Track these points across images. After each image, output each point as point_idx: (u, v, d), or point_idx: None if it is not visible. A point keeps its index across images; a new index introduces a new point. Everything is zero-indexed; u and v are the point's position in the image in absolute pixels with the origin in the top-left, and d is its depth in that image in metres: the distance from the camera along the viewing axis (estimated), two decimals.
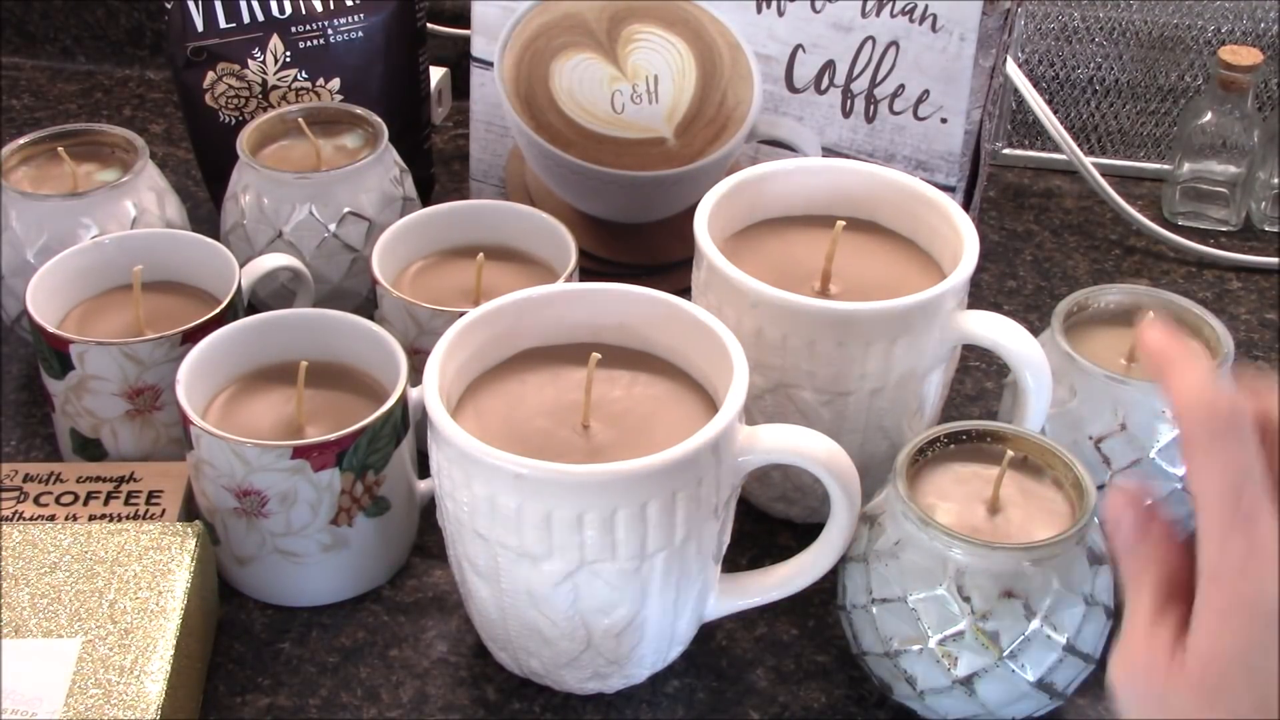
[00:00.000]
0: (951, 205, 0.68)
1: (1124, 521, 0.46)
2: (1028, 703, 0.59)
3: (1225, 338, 0.67)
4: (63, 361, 0.69)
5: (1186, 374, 0.45)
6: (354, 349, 0.69)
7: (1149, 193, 0.98)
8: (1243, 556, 0.43)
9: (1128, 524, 0.46)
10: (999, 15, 0.74)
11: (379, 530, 0.66)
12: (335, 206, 0.79)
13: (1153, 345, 0.47)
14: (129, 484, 0.69)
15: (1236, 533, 0.43)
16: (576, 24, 0.79)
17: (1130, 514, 0.46)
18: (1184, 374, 0.45)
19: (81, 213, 0.76)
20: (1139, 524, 0.46)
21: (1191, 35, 0.95)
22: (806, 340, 0.63)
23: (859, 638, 0.61)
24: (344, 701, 0.63)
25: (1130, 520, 0.46)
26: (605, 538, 0.55)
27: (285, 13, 0.85)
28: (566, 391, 0.61)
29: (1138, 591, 0.46)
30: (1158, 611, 0.45)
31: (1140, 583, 0.46)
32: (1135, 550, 0.46)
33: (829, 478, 0.58)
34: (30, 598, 0.60)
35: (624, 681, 0.63)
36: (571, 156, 0.81)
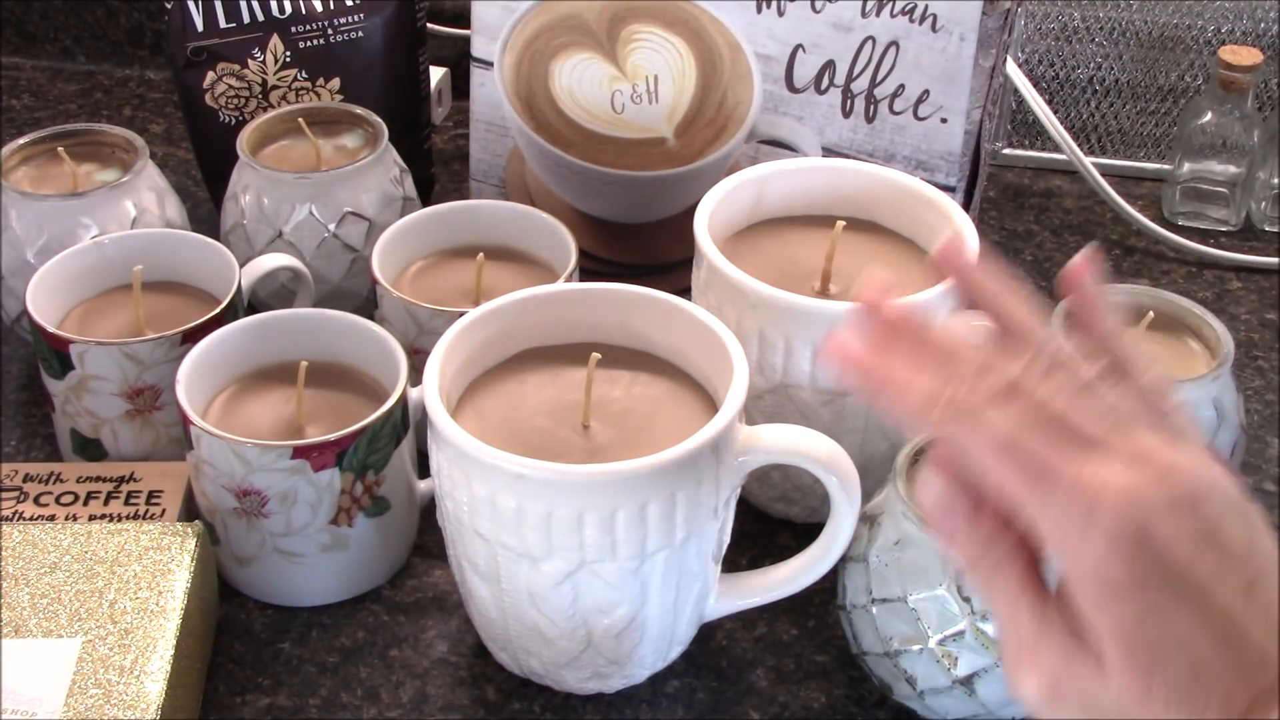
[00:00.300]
0: (951, 205, 0.68)
1: (947, 512, 0.41)
2: None
3: (1225, 338, 0.67)
4: (63, 361, 0.69)
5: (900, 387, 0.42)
6: (354, 349, 0.69)
7: (1149, 193, 0.98)
8: (1077, 515, 0.38)
9: (953, 513, 0.41)
10: (999, 15, 0.74)
11: (379, 530, 0.66)
12: (335, 206, 0.79)
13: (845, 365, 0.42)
14: (129, 484, 0.69)
15: (1047, 495, 0.38)
16: (576, 24, 0.79)
17: (951, 499, 0.41)
18: (899, 388, 0.42)
19: (81, 213, 0.76)
20: (965, 511, 0.41)
21: (1191, 35, 0.95)
22: (806, 340, 0.63)
23: (859, 638, 0.61)
24: (344, 701, 0.63)
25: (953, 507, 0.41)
26: (605, 538, 0.55)
27: (285, 13, 0.85)
28: (566, 391, 0.61)
29: (1003, 589, 0.41)
30: (1037, 605, 0.40)
31: (998, 578, 0.41)
32: (973, 542, 0.41)
33: (829, 478, 0.58)
34: (30, 598, 0.60)
35: (624, 681, 0.63)
36: (571, 156, 0.81)
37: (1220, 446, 0.67)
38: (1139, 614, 0.38)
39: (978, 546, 0.41)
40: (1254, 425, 0.79)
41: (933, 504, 0.42)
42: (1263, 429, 0.79)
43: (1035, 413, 0.40)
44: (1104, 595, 0.38)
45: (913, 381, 0.41)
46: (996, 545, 0.41)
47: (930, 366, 0.42)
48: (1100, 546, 0.38)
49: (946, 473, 0.42)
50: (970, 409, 0.40)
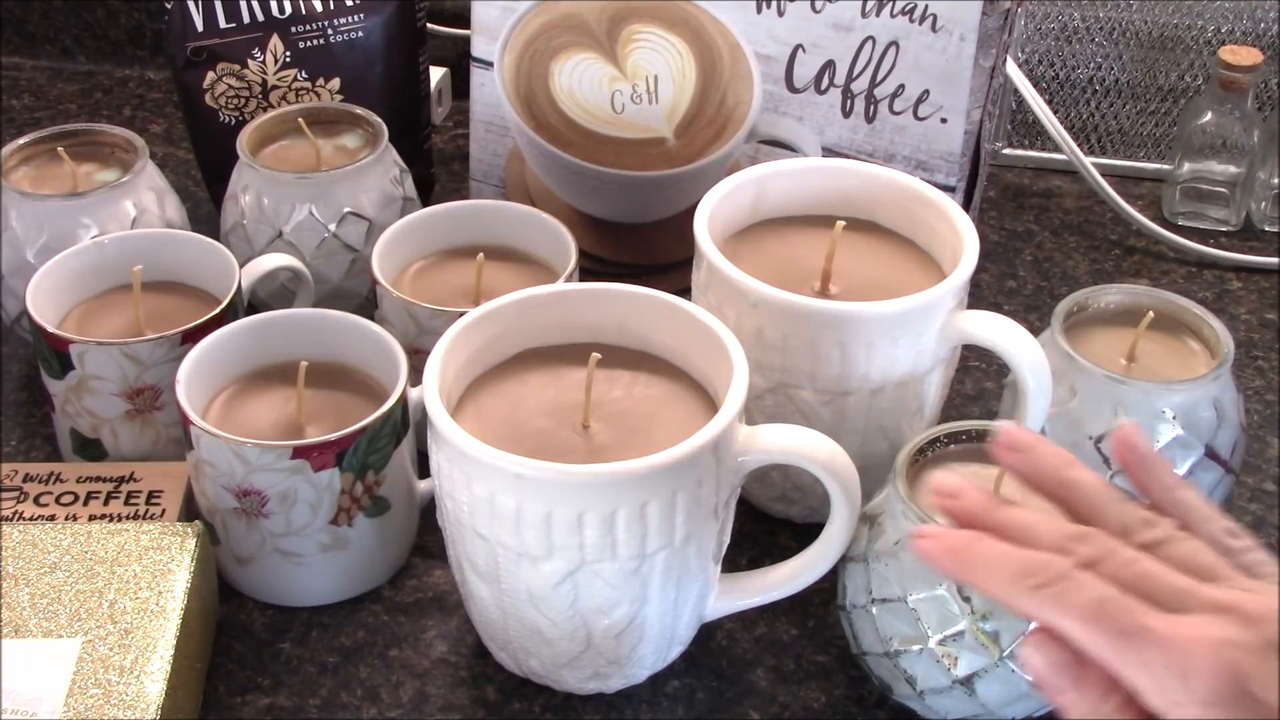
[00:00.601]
0: (951, 205, 0.68)
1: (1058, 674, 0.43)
2: (1028, 703, 0.59)
3: (1225, 338, 0.67)
4: (63, 361, 0.69)
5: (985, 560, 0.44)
6: (354, 349, 0.69)
7: (1149, 193, 0.98)
8: (1174, 665, 0.40)
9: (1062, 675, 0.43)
10: (999, 15, 0.74)
11: (379, 530, 0.66)
12: (335, 206, 0.79)
13: (934, 559, 0.45)
14: (129, 484, 0.69)
15: (1146, 649, 0.41)
16: (576, 24, 0.79)
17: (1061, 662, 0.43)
18: (984, 561, 0.44)
19: (81, 213, 0.76)
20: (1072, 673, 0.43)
21: (1191, 35, 0.95)
22: (806, 340, 0.63)
23: (859, 638, 0.61)
24: (344, 701, 0.63)
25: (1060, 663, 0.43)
26: (605, 538, 0.55)
27: (285, 13, 0.85)
28: (566, 391, 0.61)
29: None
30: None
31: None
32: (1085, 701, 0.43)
33: (829, 478, 0.58)
34: (30, 598, 0.60)
35: (624, 681, 0.63)
36: (571, 156, 0.81)
37: (1220, 446, 0.67)
38: None
39: (1090, 700, 0.43)
40: (1254, 425, 0.79)
41: (1043, 668, 0.44)
42: (1263, 429, 0.79)
43: (1118, 577, 0.43)
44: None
45: (1001, 559, 0.44)
46: (1107, 702, 0.43)
47: (1013, 545, 0.45)
48: (1201, 698, 0.40)
49: (1051, 638, 0.44)
50: (1056, 580, 0.43)
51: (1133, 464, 0.48)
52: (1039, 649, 0.43)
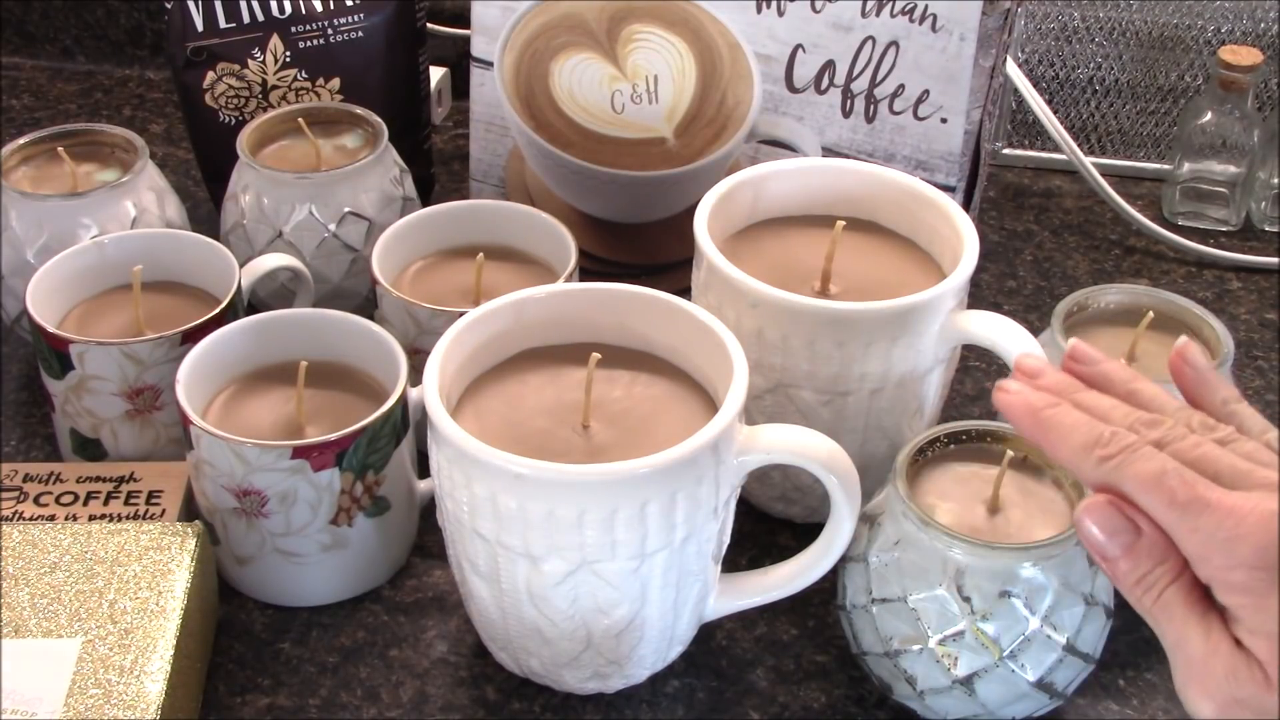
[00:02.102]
0: (951, 205, 0.68)
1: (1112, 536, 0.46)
2: (1028, 703, 0.59)
3: (1225, 338, 0.67)
4: (63, 361, 0.69)
5: (1062, 428, 0.46)
6: (354, 349, 0.69)
7: (1149, 193, 0.98)
8: (1224, 530, 0.43)
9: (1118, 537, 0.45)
10: (999, 15, 0.74)
11: (379, 530, 0.66)
12: (335, 206, 0.79)
13: (1016, 414, 0.48)
14: (129, 484, 0.69)
15: (1199, 516, 0.43)
16: (576, 24, 0.79)
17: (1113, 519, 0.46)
18: (1060, 430, 0.46)
19: (81, 213, 0.76)
20: (1127, 537, 0.45)
21: (1191, 35, 0.95)
22: (806, 340, 0.63)
23: (859, 638, 0.61)
24: (344, 701, 0.63)
25: (1115, 526, 0.45)
26: (605, 537, 0.55)
27: (285, 13, 0.85)
28: (566, 391, 0.61)
29: (1169, 611, 0.45)
30: (1203, 624, 0.44)
31: (1164, 600, 0.45)
32: (1137, 565, 0.45)
33: (829, 478, 0.58)
34: (30, 598, 0.60)
35: (624, 681, 0.63)
36: (571, 156, 0.81)
37: None
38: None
39: (1142, 568, 0.45)
40: None
41: (1098, 529, 0.46)
42: None
43: (1182, 457, 0.45)
44: (1255, 605, 0.43)
45: (1076, 426, 0.46)
46: (1159, 567, 0.45)
47: (1090, 416, 0.47)
48: (1246, 560, 0.42)
49: (1108, 504, 0.46)
50: (1123, 452, 0.45)
51: (1189, 380, 0.50)
52: (1094, 514, 0.46)
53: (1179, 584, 0.45)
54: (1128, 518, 0.45)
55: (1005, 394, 0.49)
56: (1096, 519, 0.46)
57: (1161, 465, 0.44)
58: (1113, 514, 0.45)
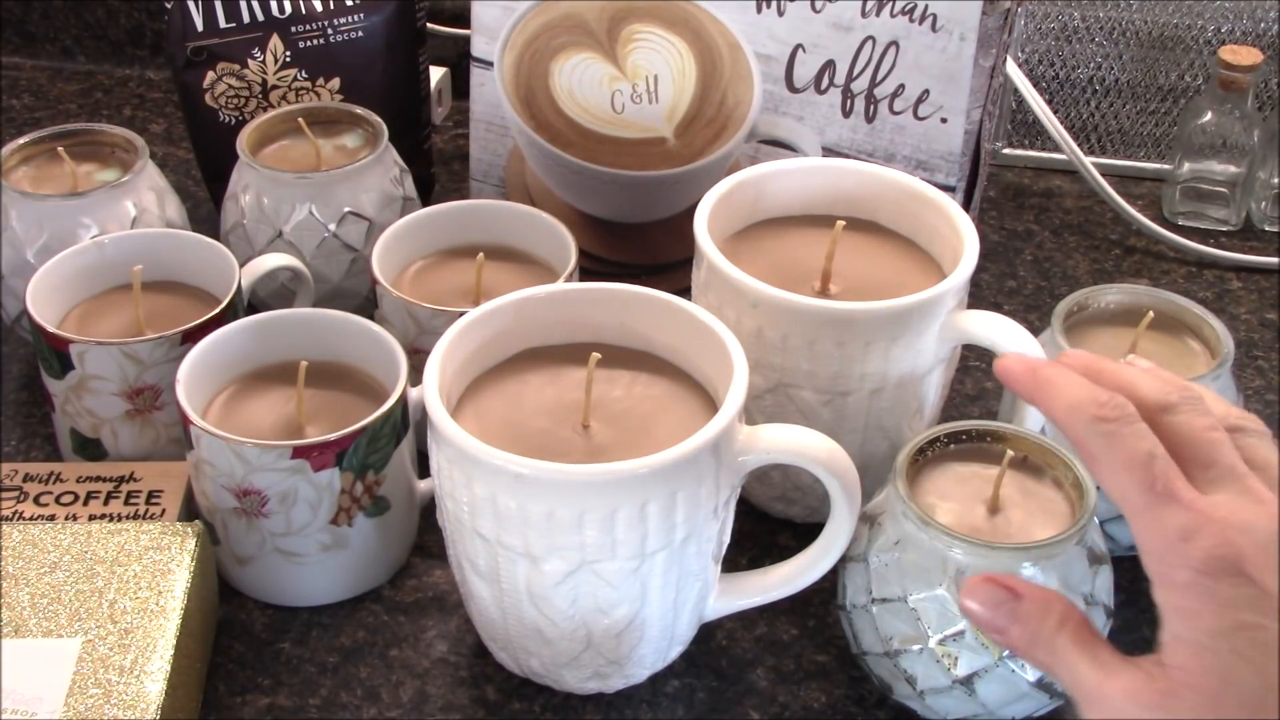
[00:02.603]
0: (951, 205, 0.68)
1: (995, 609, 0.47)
2: (1028, 703, 0.59)
3: (1225, 338, 0.67)
4: (63, 361, 0.69)
5: (1060, 384, 0.46)
6: (354, 349, 0.69)
7: (1149, 193, 0.98)
8: (1182, 528, 0.42)
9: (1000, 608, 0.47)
10: (999, 15, 0.74)
11: (379, 530, 0.66)
12: (335, 206, 0.79)
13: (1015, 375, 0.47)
14: (129, 484, 0.69)
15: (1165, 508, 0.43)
16: (576, 24, 0.79)
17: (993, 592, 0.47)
18: (1057, 385, 0.46)
19: (81, 213, 0.76)
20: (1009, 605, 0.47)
21: (1191, 35, 0.95)
22: (806, 340, 0.63)
23: (859, 638, 0.61)
24: (344, 701, 0.63)
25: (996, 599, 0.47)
26: (605, 537, 0.55)
27: (285, 12, 0.85)
28: (566, 391, 0.61)
29: (1060, 658, 0.46)
30: (1094, 657, 0.45)
31: (1054, 652, 0.46)
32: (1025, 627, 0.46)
33: (829, 478, 0.58)
34: (30, 598, 0.60)
35: (624, 681, 0.63)
36: (571, 156, 0.81)
37: None
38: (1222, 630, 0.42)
39: (1032, 627, 0.47)
40: None
41: (980, 606, 0.47)
42: None
43: (1189, 429, 0.45)
44: (1189, 610, 0.42)
45: (1077, 384, 0.46)
46: (1046, 623, 0.46)
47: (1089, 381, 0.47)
48: (1195, 564, 0.42)
49: (983, 581, 0.48)
50: (1117, 420, 0.44)
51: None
52: (976, 595, 0.47)
53: (1065, 631, 0.46)
54: (1006, 587, 0.47)
55: (1006, 362, 0.49)
56: (979, 598, 0.47)
57: (1151, 449, 0.44)
58: (992, 588, 0.47)
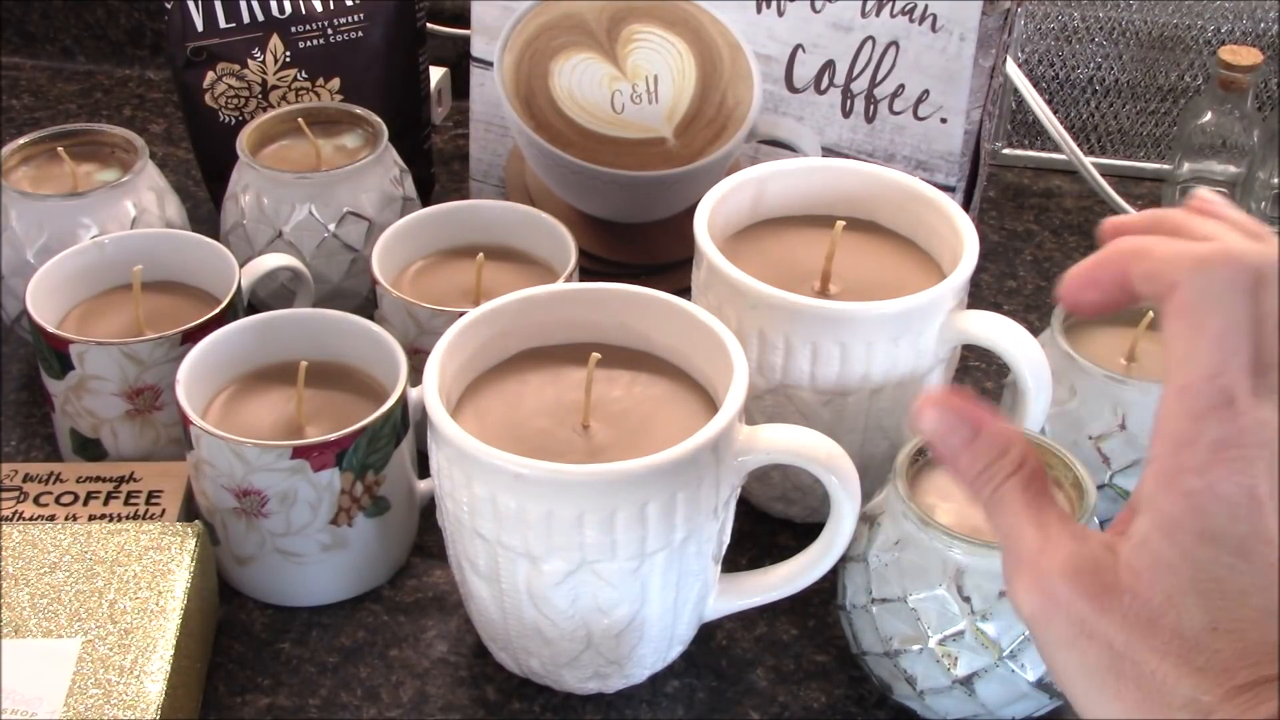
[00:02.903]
0: (951, 205, 0.68)
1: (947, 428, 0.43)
2: (1027, 703, 0.59)
3: None
4: (62, 361, 0.69)
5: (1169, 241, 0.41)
6: (354, 349, 0.69)
7: (1149, 193, 0.98)
8: (1220, 441, 0.38)
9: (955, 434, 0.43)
10: (999, 15, 0.74)
11: (379, 530, 0.66)
12: (335, 206, 0.79)
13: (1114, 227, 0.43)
14: (129, 484, 0.69)
15: (1217, 410, 0.39)
16: (576, 24, 0.79)
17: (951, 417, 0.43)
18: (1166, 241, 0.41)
19: (81, 213, 0.76)
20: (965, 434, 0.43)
21: (1191, 35, 0.95)
22: (807, 340, 0.63)
23: (859, 638, 0.61)
24: (344, 701, 0.63)
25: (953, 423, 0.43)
26: (605, 537, 0.55)
27: (285, 13, 0.85)
28: (566, 391, 0.61)
29: (1005, 506, 0.42)
30: (1039, 518, 0.42)
31: (1000, 495, 0.42)
32: (975, 459, 0.43)
33: (829, 478, 0.58)
34: (30, 598, 0.60)
35: (624, 681, 0.63)
36: (571, 156, 0.81)
37: None
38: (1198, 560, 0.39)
39: (981, 461, 0.43)
40: None
41: (934, 428, 0.43)
42: None
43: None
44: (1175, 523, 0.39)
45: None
46: (998, 461, 0.43)
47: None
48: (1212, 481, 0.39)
49: (946, 400, 0.44)
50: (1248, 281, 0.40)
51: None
52: (934, 410, 0.43)
53: (1016, 478, 0.43)
54: (966, 416, 0.43)
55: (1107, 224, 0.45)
56: (936, 415, 0.43)
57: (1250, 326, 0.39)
58: (949, 414, 0.43)
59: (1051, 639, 0.41)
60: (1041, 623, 0.41)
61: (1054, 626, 0.41)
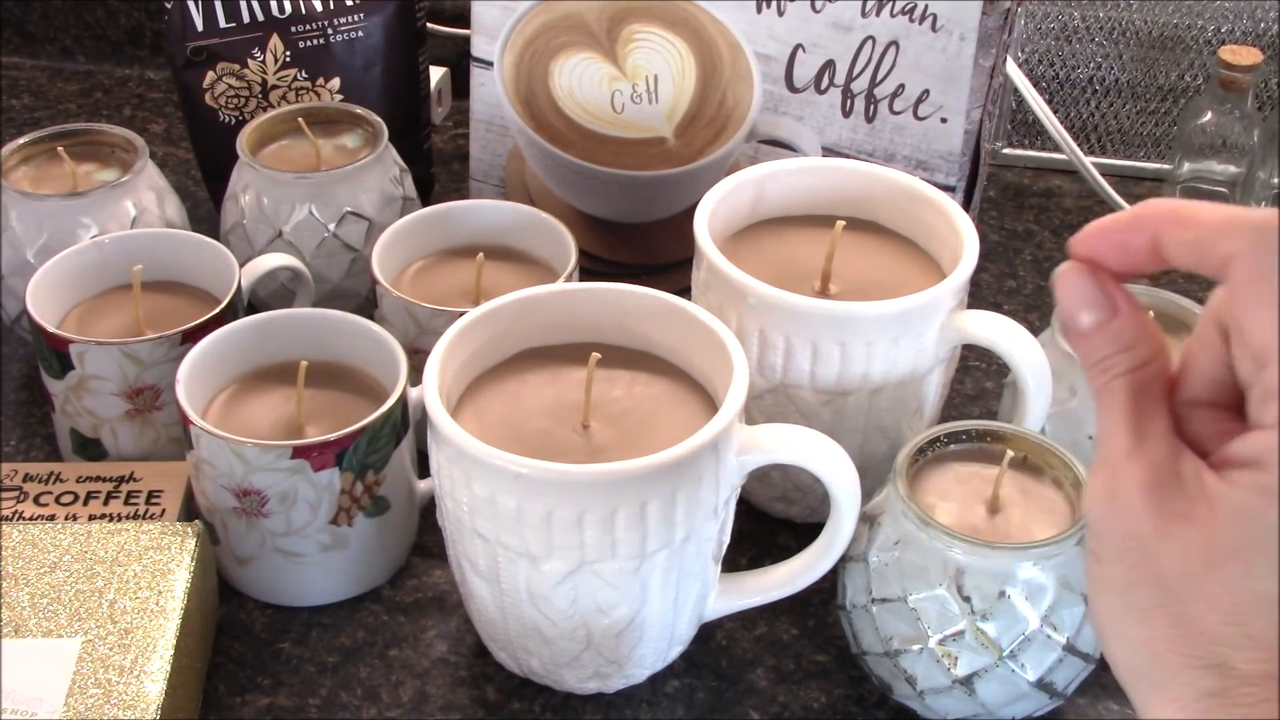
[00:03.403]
0: (951, 205, 0.68)
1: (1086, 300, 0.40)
2: (1027, 702, 0.59)
3: None
4: (62, 361, 0.69)
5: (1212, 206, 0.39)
6: (354, 349, 0.69)
7: (1149, 193, 0.98)
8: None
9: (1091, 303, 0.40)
10: (999, 15, 0.74)
11: (379, 530, 0.66)
12: (335, 206, 0.79)
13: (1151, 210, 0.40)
14: (129, 484, 0.69)
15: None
16: (576, 24, 0.79)
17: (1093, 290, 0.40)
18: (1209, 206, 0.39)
19: (81, 212, 0.76)
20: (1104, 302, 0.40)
21: (1191, 35, 0.95)
22: (806, 340, 0.63)
23: (859, 638, 0.61)
24: (344, 701, 0.63)
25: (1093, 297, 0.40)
26: (605, 537, 0.55)
27: (285, 12, 0.85)
28: (566, 391, 0.61)
29: (1112, 400, 0.40)
30: (1139, 423, 0.39)
31: (1113, 387, 0.40)
32: (1106, 341, 0.40)
33: (829, 477, 0.58)
34: (30, 598, 0.60)
35: (624, 681, 0.63)
36: (571, 156, 0.81)
37: None
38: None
39: (1106, 349, 0.40)
40: None
41: (1071, 297, 0.41)
42: None
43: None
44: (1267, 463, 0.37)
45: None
46: (1121, 354, 0.40)
47: None
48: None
49: (1092, 274, 0.41)
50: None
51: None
52: (1073, 279, 0.41)
53: (1131, 377, 0.40)
54: (1110, 295, 0.40)
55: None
56: (1078, 283, 0.41)
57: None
58: (1093, 285, 0.40)
59: (1106, 550, 0.39)
60: (1102, 529, 0.39)
61: (1112, 537, 0.39)
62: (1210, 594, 0.37)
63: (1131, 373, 0.40)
